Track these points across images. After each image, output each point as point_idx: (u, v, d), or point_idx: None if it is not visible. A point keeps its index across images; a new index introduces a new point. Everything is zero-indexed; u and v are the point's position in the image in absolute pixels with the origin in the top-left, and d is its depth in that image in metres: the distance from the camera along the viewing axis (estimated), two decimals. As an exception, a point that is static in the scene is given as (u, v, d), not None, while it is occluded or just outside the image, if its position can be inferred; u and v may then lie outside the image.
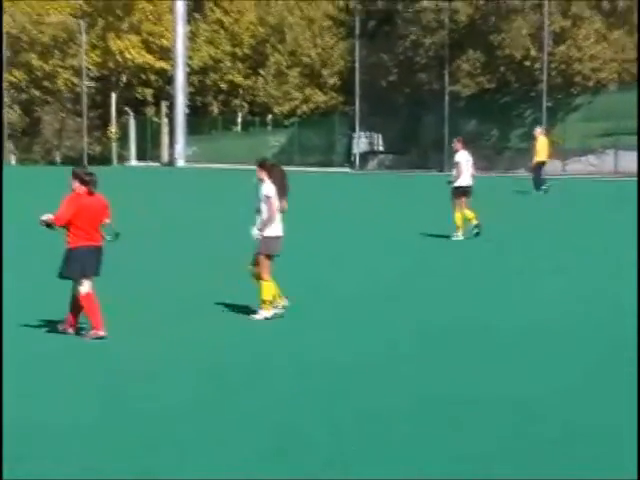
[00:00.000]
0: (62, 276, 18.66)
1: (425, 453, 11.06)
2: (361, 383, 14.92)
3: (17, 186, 52.09)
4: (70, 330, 18.66)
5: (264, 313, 20.03)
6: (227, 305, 21.79)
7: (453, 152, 35.22)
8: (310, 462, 11.16)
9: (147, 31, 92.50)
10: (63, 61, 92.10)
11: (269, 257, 20.20)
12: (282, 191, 20.74)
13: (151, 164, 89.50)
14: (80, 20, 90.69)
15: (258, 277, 20.38)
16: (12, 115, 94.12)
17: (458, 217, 31.69)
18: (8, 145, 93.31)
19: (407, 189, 35.08)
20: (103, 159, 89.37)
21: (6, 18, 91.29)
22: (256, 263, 20.36)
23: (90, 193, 18.73)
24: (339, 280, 25.09)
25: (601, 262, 29.46)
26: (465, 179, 32.43)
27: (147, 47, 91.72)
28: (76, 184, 18.74)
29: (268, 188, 20.29)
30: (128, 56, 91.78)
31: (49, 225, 18.69)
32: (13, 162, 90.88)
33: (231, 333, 19.80)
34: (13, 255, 26.23)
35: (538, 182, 51.23)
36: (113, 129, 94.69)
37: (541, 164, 52.08)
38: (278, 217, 20.38)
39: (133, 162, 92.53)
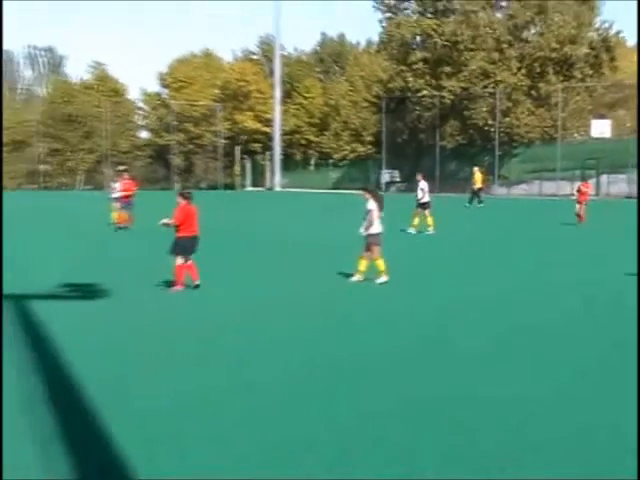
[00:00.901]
0: (171, 253, 19.70)
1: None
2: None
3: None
4: (176, 288, 19.61)
5: (383, 278, 20.54)
6: (346, 274, 21.46)
7: (417, 181, 36.95)
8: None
9: (258, 109, 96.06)
10: (207, 128, 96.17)
11: (376, 245, 20.78)
12: (380, 205, 21.13)
13: (259, 189, 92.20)
14: (217, 104, 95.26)
15: (370, 259, 20.91)
16: (177, 160, 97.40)
17: (418, 221, 33.64)
18: (173, 177, 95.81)
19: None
20: (231, 186, 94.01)
21: (173, 103, 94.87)
22: (367, 250, 20.90)
23: (188, 204, 19.96)
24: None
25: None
26: (424, 198, 34.83)
27: (257, 119, 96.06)
28: (180, 199, 19.99)
29: (371, 204, 21.06)
30: (246, 125, 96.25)
31: (167, 224, 19.97)
32: (177, 187, 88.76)
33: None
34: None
35: (473, 199, 54.79)
36: (237, 168, 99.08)
37: (479, 188, 56.11)
38: (378, 220, 21.01)
39: (249, 188, 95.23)
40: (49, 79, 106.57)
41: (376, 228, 20.90)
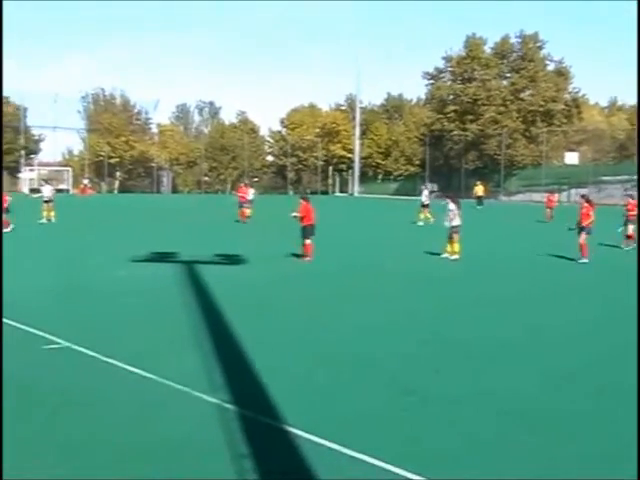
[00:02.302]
0: (302, 236, 19.21)
1: None
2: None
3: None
4: (307, 259, 19.04)
5: (455, 257, 19.56)
6: (432, 253, 20.65)
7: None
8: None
9: (344, 142, 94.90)
10: (310, 154, 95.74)
11: (456, 234, 19.51)
12: (458, 206, 20.11)
13: (344, 194, 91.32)
14: (318, 138, 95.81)
15: (452, 241, 19.85)
16: (291, 175, 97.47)
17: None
18: (288, 186, 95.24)
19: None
20: (325, 192, 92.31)
21: (289, 137, 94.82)
22: (450, 238, 19.89)
23: (307, 203, 19.50)
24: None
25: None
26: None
27: (344, 148, 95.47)
28: (302, 200, 19.56)
29: (452, 206, 19.87)
30: (336, 152, 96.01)
31: (295, 216, 19.46)
32: (291, 193, 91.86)
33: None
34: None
35: (479, 204, 52.35)
36: (329, 180, 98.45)
37: (479, 196, 54.44)
38: (458, 217, 19.87)
39: (337, 193, 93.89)
40: (210, 122, 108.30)
41: (456, 222, 20.13)
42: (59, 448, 6.19)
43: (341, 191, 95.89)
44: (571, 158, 74.18)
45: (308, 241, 19.36)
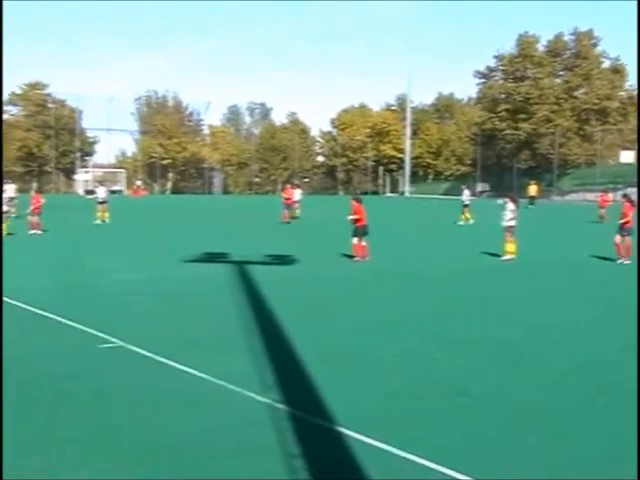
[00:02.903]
0: (352, 236, 19.17)
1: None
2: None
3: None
4: (358, 258, 19.13)
5: (508, 257, 19.55)
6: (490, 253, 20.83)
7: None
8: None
9: (394, 142, 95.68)
10: (361, 154, 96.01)
11: (512, 233, 19.77)
12: (517, 206, 20.22)
13: (394, 195, 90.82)
14: (368, 138, 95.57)
15: (509, 241, 19.86)
16: (341, 175, 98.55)
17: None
18: (338, 186, 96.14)
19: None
20: (375, 192, 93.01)
21: (339, 138, 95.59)
22: (506, 236, 19.88)
23: (359, 204, 19.52)
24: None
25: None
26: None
27: (394, 148, 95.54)
28: (354, 202, 19.65)
29: (510, 206, 19.88)
30: (387, 152, 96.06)
31: (352, 220, 19.36)
32: (341, 193, 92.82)
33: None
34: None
35: (531, 203, 52.03)
36: (380, 180, 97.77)
37: (532, 196, 54.30)
38: (514, 217, 19.96)
39: (387, 194, 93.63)
40: (261, 123, 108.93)
41: (512, 222, 20.11)
42: (129, 449, 6.32)
43: (392, 191, 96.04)
44: (627, 157, 72.69)
45: (360, 241, 19.33)
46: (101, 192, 35.05)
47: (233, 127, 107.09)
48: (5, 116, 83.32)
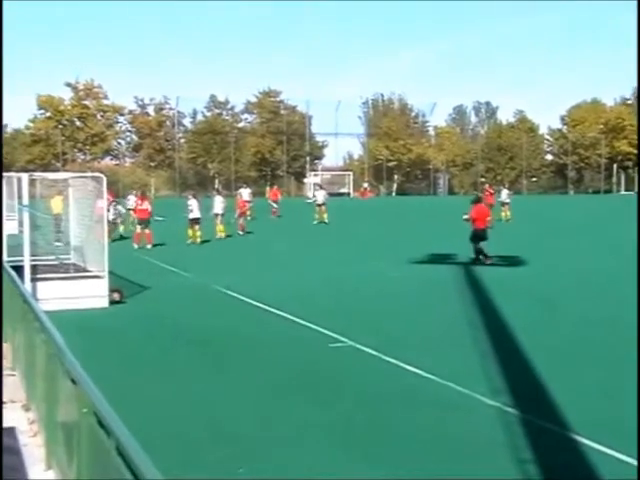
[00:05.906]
0: (470, 240, 18.55)
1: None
2: None
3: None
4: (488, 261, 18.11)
5: None
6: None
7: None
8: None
9: (630, 137, 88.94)
10: (593, 152, 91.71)
11: None
12: None
13: (629, 193, 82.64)
14: (601, 135, 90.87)
15: None
16: (571, 174, 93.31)
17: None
18: (568, 186, 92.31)
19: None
20: (609, 191, 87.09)
21: (570, 135, 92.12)
22: None
23: (479, 205, 19.07)
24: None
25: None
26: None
27: (630, 144, 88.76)
28: (473, 203, 19.37)
29: None
30: (622, 149, 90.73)
31: (467, 220, 18.78)
32: (571, 193, 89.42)
33: None
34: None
35: None
36: (614, 179, 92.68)
37: None
38: None
39: (622, 192, 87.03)
40: (487, 122, 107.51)
41: None
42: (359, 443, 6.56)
43: (626, 189, 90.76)
44: None
45: (479, 245, 18.63)
46: (320, 195, 38.03)
47: (458, 127, 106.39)
48: (241, 124, 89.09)
